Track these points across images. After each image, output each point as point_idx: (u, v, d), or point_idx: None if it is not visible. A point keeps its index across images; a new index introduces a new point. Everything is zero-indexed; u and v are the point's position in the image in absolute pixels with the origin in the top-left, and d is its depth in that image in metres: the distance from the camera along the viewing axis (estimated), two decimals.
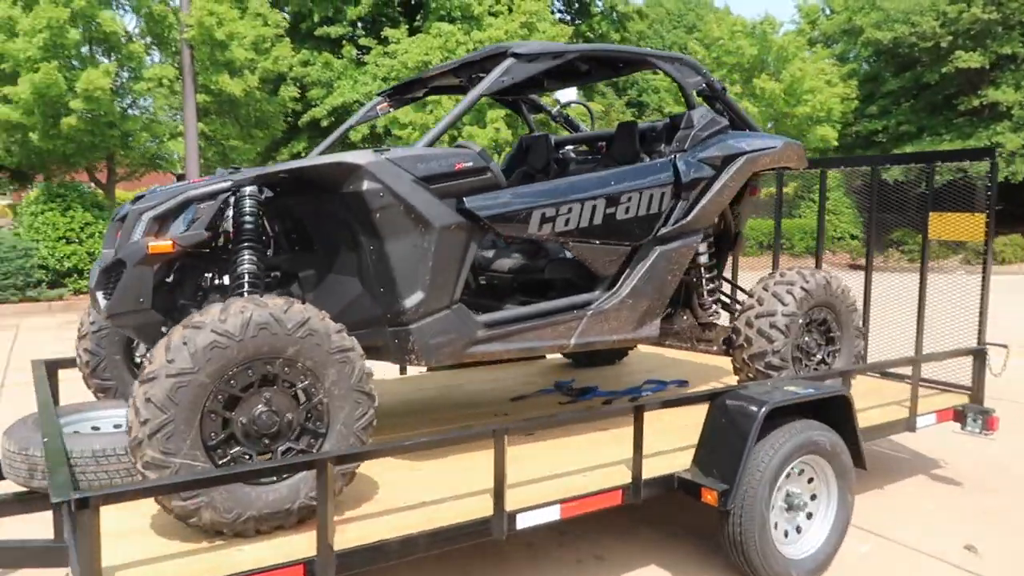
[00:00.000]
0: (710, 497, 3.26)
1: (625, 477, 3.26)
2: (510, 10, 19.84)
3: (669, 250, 3.76)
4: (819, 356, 4.24)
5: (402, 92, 4.41)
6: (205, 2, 15.26)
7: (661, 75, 20.29)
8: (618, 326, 3.64)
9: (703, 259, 4.17)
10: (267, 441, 2.63)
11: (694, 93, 4.03)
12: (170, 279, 3.13)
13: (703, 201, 3.84)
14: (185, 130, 15.66)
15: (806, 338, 4.16)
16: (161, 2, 16.31)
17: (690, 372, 5.06)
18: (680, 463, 3.45)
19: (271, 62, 16.95)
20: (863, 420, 4.05)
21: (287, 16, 20.41)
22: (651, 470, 3.36)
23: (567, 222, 3.42)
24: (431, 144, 3.20)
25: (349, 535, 2.68)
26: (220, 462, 2.54)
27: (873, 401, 4.38)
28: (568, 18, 26.80)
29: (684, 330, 4.18)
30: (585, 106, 5.21)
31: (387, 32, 20.59)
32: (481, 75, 3.92)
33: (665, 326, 4.11)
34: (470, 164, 3.18)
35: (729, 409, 3.40)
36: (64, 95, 13.74)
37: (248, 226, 3.12)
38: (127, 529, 2.69)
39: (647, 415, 3.18)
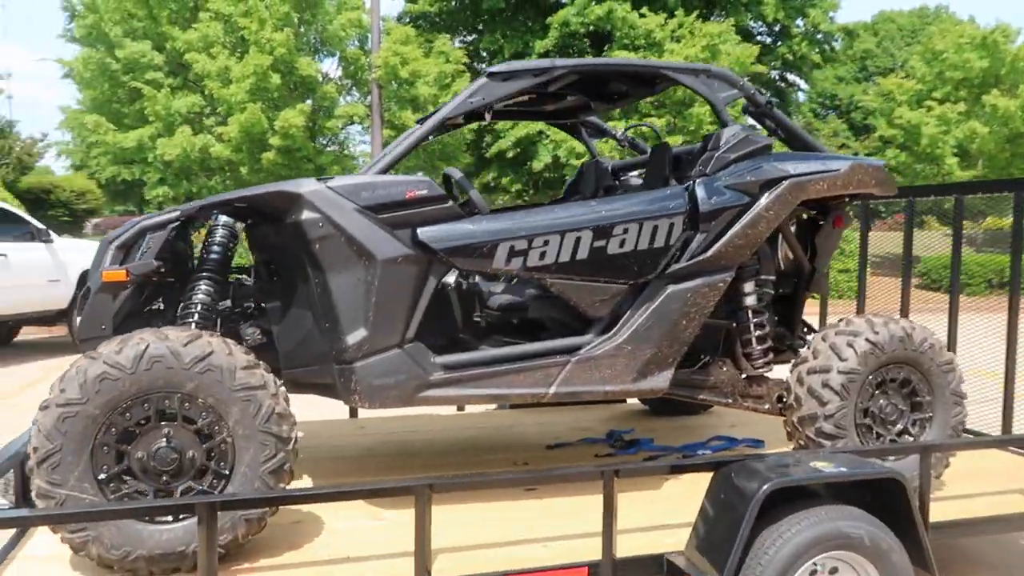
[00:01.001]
0: None
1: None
2: (692, 33, 19.17)
3: (683, 290, 3.23)
4: (900, 425, 3.43)
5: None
6: (392, 44, 16.30)
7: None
8: (613, 375, 3.16)
9: (749, 300, 3.55)
10: (166, 479, 2.54)
11: (726, 109, 3.46)
12: (156, 305, 3.20)
13: (730, 233, 3.26)
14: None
15: (881, 402, 3.38)
16: (358, 47, 17.71)
17: (778, 431, 4.36)
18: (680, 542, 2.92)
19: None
20: (963, 509, 3.25)
21: (466, 51, 21.14)
22: (640, 547, 2.88)
23: (542, 256, 3.04)
24: (386, 171, 3.01)
25: None
26: (112, 496, 2.49)
27: (995, 484, 3.50)
28: (770, 40, 25.42)
29: (723, 383, 3.57)
30: (651, 127, 4.73)
31: None
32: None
33: (698, 378, 3.54)
34: (424, 192, 2.94)
35: (731, 484, 2.81)
36: (265, 133, 15.28)
37: (212, 256, 3.11)
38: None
39: (649, 479, 2.72)
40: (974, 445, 3.41)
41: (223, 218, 3.16)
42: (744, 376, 3.60)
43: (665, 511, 3.15)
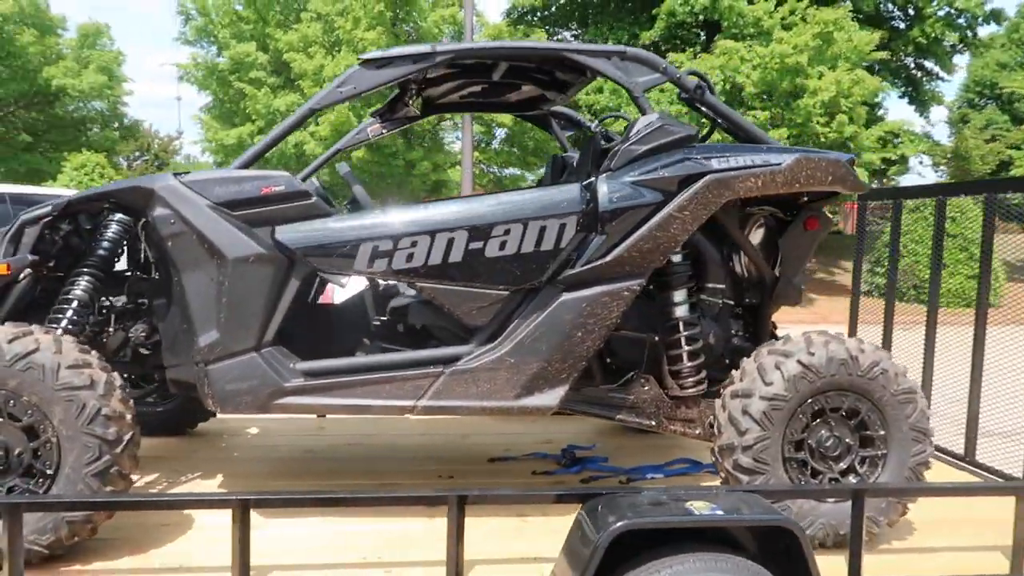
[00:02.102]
0: None
1: None
2: (805, 20, 17.94)
3: (579, 298, 2.89)
4: (845, 463, 2.93)
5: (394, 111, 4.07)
6: (483, 39, 16.30)
7: None
8: (492, 390, 2.88)
9: (679, 312, 3.16)
10: None
11: (644, 95, 3.07)
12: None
13: (634, 236, 2.89)
14: (463, 159, 16.87)
15: (821, 434, 2.90)
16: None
17: None
18: None
19: None
20: (905, 566, 2.76)
21: None
22: None
23: (409, 258, 2.80)
24: (247, 165, 2.87)
25: None
26: None
27: (964, 536, 2.95)
28: (903, 25, 23.43)
29: (645, 403, 3.19)
30: (624, 117, 4.32)
31: (671, 57, 19.99)
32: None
33: (616, 396, 3.19)
34: (281, 188, 2.79)
35: (593, 519, 2.49)
36: None
37: (99, 251, 3.09)
38: None
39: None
40: (922, 491, 2.86)
41: (118, 214, 3.14)
42: (672, 396, 3.21)
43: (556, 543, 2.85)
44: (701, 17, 20.35)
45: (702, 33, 21.89)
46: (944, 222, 4.29)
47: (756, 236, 3.42)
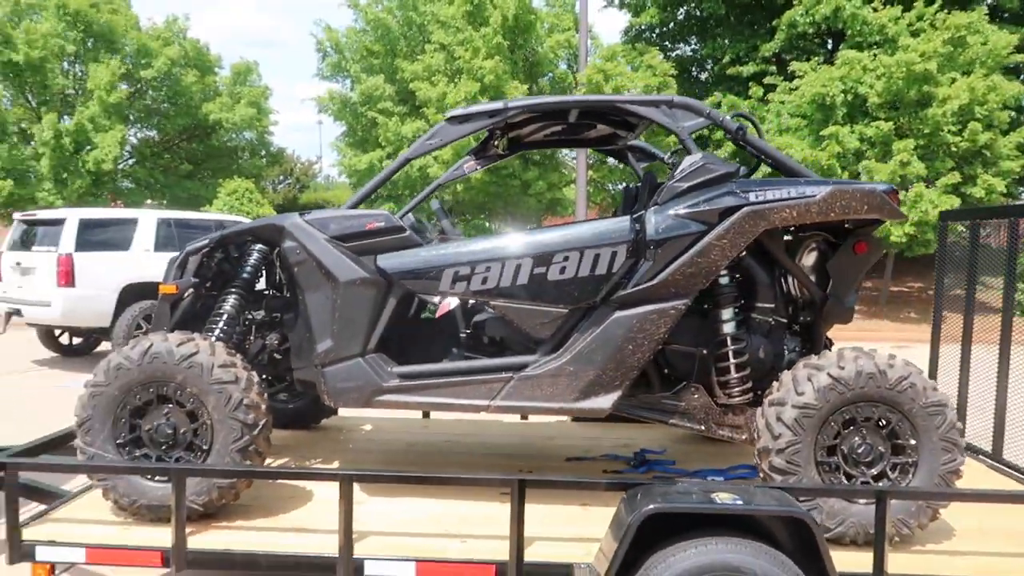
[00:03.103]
0: None
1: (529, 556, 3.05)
2: (934, 26, 17.25)
3: (629, 316, 3.34)
4: (877, 468, 3.21)
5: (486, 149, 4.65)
6: (597, 62, 16.81)
7: None
8: (554, 394, 3.37)
9: (727, 328, 3.54)
10: (164, 447, 3.29)
11: (690, 138, 3.47)
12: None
13: (678, 262, 3.30)
14: (577, 177, 17.41)
15: (854, 441, 3.20)
16: (567, 68, 18.45)
17: None
18: None
19: None
20: (926, 566, 3.02)
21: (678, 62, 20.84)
22: (567, 556, 3.09)
23: (484, 281, 3.35)
24: (356, 205, 3.52)
25: (210, 538, 3.19)
26: (126, 457, 3.29)
27: (999, 544, 3.15)
28: None
29: (696, 410, 3.57)
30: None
31: (794, 66, 19.68)
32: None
33: (669, 402, 3.60)
34: (382, 224, 3.41)
35: (629, 505, 2.93)
36: None
37: (243, 275, 3.83)
38: None
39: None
40: (946, 496, 3.09)
41: (258, 244, 3.88)
42: (720, 404, 3.58)
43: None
44: (823, 27, 19.96)
45: (828, 41, 21.39)
46: (1017, 242, 4.39)
47: (809, 259, 3.74)
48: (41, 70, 19.03)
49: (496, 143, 4.29)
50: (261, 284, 4.02)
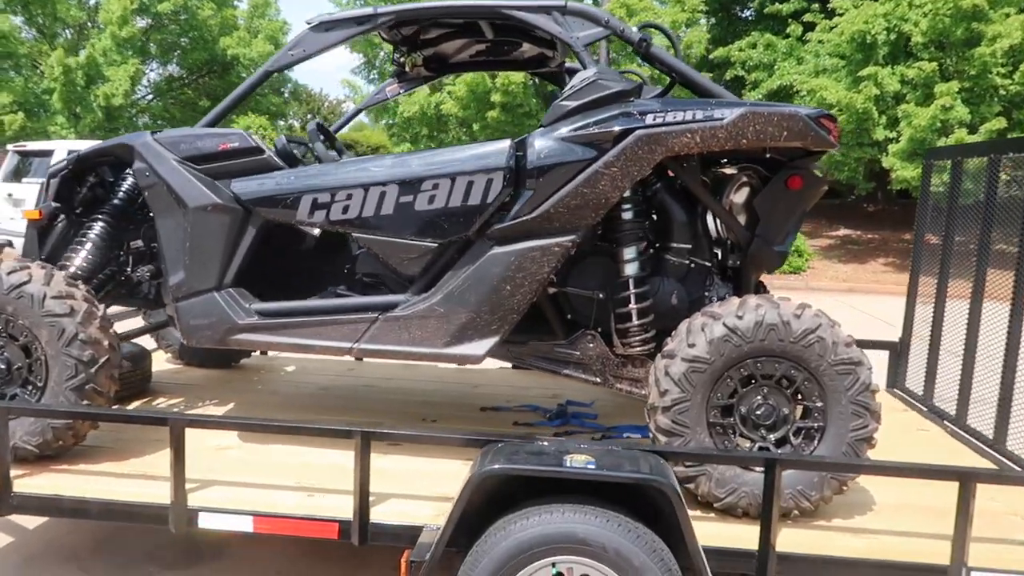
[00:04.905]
0: (403, 563, 2.56)
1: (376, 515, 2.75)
2: None
3: (507, 252, 2.94)
4: (779, 433, 2.80)
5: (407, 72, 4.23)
6: None
7: None
8: (422, 337, 3.01)
9: (628, 269, 3.12)
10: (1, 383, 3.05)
11: (586, 50, 2.99)
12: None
13: (561, 193, 2.88)
14: None
15: (754, 400, 2.79)
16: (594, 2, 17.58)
17: None
18: None
19: (682, 48, 16.86)
20: (820, 542, 2.64)
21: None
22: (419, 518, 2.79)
23: (345, 210, 2.98)
24: (212, 124, 3.15)
25: (39, 482, 2.95)
26: None
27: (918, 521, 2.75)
28: None
29: (591, 360, 3.19)
30: (638, 75, 4.15)
31: (835, 3, 18.46)
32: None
33: (561, 351, 3.22)
34: (236, 144, 3.05)
35: (475, 465, 2.59)
36: (489, 91, 15.99)
37: (114, 200, 3.52)
38: None
39: None
40: (841, 467, 2.66)
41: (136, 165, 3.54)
42: (619, 355, 3.19)
43: None
44: None
45: None
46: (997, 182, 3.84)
47: (740, 196, 3.28)
48: (48, 2, 18.85)
49: (404, 60, 3.86)
50: None
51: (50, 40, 19.98)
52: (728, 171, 3.33)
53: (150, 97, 22.00)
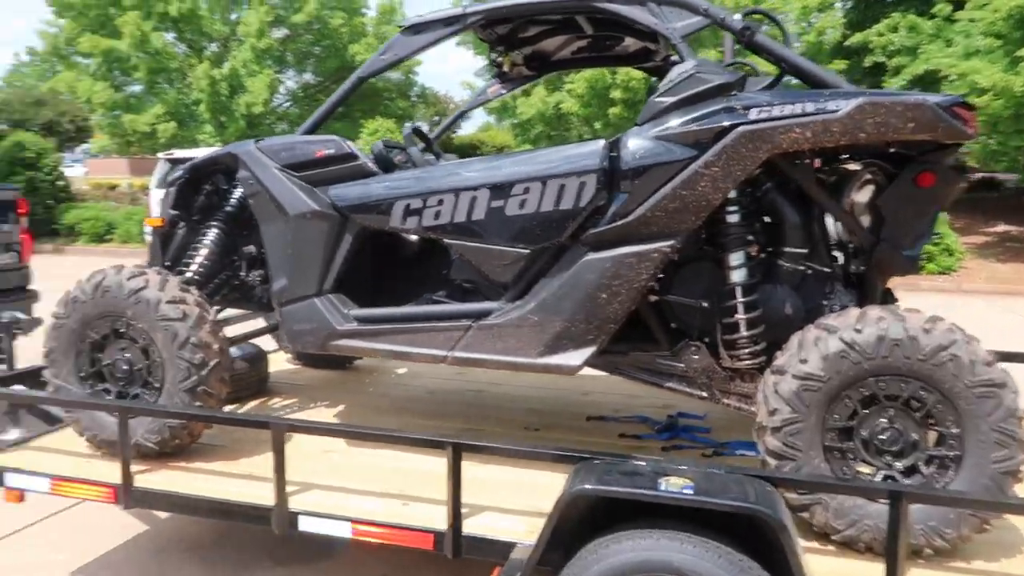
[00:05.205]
0: None
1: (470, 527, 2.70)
2: None
3: (602, 259, 2.79)
4: (907, 461, 2.51)
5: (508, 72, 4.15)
6: None
7: None
8: (516, 347, 2.91)
9: (736, 276, 2.90)
10: (123, 383, 3.22)
11: (684, 42, 2.78)
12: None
13: (658, 195, 2.70)
14: None
15: (878, 424, 2.52)
16: None
17: None
18: None
19: (814, 35, 15.97)
20: None
21: None
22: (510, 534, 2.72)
23: (437, 216, 2.93)
24: (311, 131, 3.19)
25: (158, 478, 3.10)
26: (88, 391, 3.25)
27: None
28: None
29: (696, 373, 2.99)
30: (752, 66, 3.86)
31: None
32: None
33: (664, 363, 3.05)
34: (332, 151, 3.07)
35: (568, 483, 2.48)
36: (609, 87, 15.76)
37: (226, 208, 3.66)
38: None
39: None
40: (987, 504, 2.33)
41: (241, 173, 3.66)
42: (726, 368, 2.98)
43: None
44: None
45: None
46: None
47: (863, 195, 2.99)
48: (194, 19, 20.23)
49: (502, 60, 3.79)
50: None
51: (198, 54, 21.50)
52: (850, 168, 3.04)
53: (287, 104, 23.23)
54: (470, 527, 2.70)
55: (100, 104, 20.68)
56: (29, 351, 4.55)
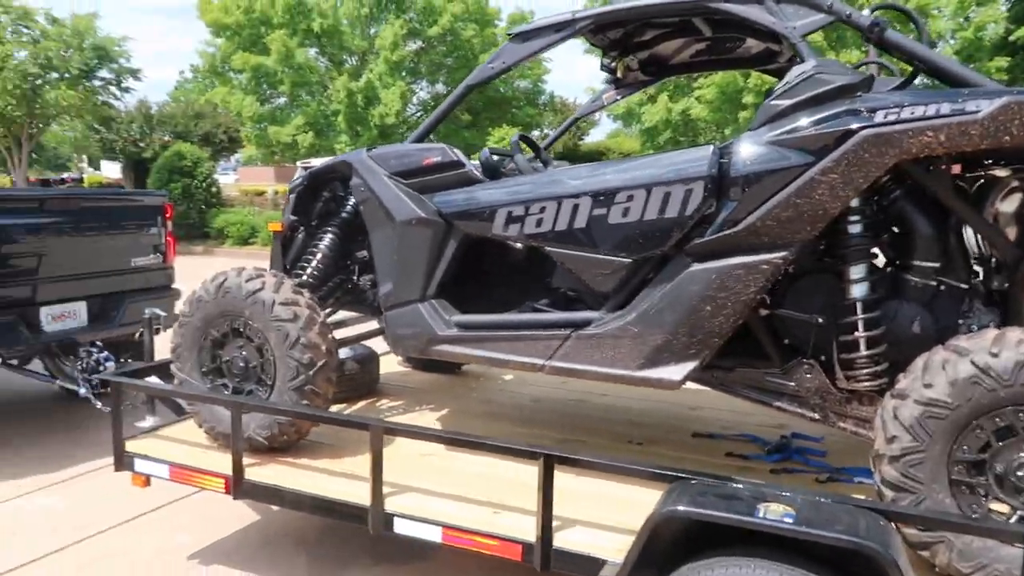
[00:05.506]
0: None
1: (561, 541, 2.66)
2: None
3: (707, 270, 2.65)
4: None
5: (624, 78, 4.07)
6: None
7: None
8: (615, 358, 2.82)
9: (855, 292, 2.69)
10: (239, 379, 3.39)
11: (803, 41, 2.58)
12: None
13: (770, 203, 2.53)
14: None
15: (1015, 458, 2.25)
16: None
17: None
18: None
19: (972, 31, 14.77)
20: None
21: None
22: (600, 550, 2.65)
23: (539, 224, 2.88)
24: (421, 139, 3.23)
25: (266, 472, 3.24)
26: (208, 385, 3.45)
27: None
28: None
29: (809, 394, 2.78)
30: (887, 65, 3.57)
31: None
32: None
33: (774, 380, 2.87)
34: (438, 159, 3.10)
35: (660, 503, 2.38)
36: (741, 91, 15.23)
37: (342, 214, 3.78)
38: None
39: None
40: None
41: (354, 180, 3.77)
42: (842, 389, 2.76)
43: None
44: None
45: None
46: None
47: (1008, 205, 2.72)
48: (335, 34, 21.29)
49: (615, 65, 3.71)
50: None
51: (337, 67, 22.64)
52: (996, 174, 2.75)
53: (419, 114, 24.02)
54: (561, 540, 2.64)
55: (248, 117, 22.19)
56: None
